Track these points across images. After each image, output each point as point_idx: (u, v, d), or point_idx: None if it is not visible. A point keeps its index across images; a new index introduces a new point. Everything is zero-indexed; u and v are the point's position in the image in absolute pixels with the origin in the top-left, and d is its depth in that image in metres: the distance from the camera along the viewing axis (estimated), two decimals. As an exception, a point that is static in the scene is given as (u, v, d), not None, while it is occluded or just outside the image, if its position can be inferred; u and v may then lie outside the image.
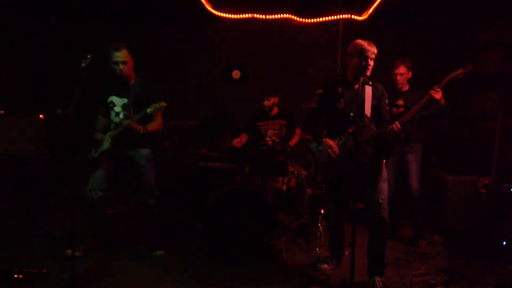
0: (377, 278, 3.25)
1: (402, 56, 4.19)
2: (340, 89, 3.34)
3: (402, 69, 4.13)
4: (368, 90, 3.30)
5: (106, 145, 3.66)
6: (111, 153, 3.70)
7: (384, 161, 3.35)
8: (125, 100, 3.71)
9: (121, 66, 3.63)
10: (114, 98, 3.74)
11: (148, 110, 3.53)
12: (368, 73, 3.25)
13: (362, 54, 3.11)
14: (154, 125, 3.74)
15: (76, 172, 3.47)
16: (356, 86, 3.25)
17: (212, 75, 5.76)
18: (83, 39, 5.54)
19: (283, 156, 3.94)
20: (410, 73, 4.19)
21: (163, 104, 3.55)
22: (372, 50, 3.19)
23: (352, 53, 3.27)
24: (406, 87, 4.21)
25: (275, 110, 4.84)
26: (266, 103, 4.74)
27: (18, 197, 5.11)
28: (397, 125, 3.10)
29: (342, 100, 3.31)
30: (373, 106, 3.30)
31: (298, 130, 4.84)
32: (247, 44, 5.73)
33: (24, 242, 4.12)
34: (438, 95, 3.80)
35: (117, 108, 3.73)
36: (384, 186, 3.27)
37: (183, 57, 5.74)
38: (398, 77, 4.14)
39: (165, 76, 5.69)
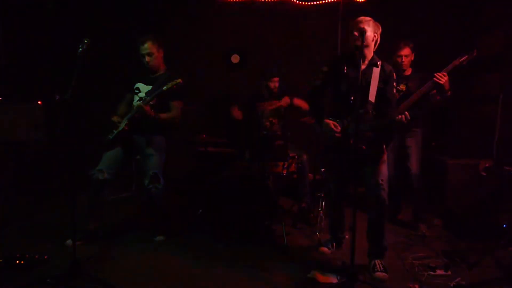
0: (377, 261, 3.26)
1: (404, 38, 4.14)
2: (345, 69, 3.21)
3: (406, 51, 4.09)
4: (375, 72, 3.18)
5: (122, 126, 3.68)
6: (126, 137, 3.71)
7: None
8: (150, 87, 3.75)
9: (147, 58, 3.75)
10: (140, 85, 3.81)
11: (164, 87, 3.53)
12: (357, 43, 3.10)
13: (350, 28, 3.11)
14: (169, 115, 3.74)
15: (77, 157, 3.48)
16: (363, 67, 3.19)
17: (212, 59, 5.71)
18: (81, 24, 5.49)
19: (283, 140, 3.92)
20: (413, 55, 4.15)
21: (179, 80, 3.52)
22: (357, 22, 3.13)
23: (349, 30, 3.22)
24: (409, 71, 4.18)
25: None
26: (272, 85, 4.69)
27: (18, 184, 5.12)
28: (406, 115, 3.03)
29: (346, 81, 3.21)
30: (378, 89, 3.18)
31: (296, 100, 4.77)
32: (246, 28, 5.67)
33: (25, 229, 4.13)
34: (443, 80, 3.71)
35: (141, 94, 3.76)
36: (383, 168, 3.24)
37: (183, 42, 5.69)
38: (404, 59, 4.10)
39: (164, 60, 5.65)
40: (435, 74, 3.73)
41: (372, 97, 3.17)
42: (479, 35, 5.17)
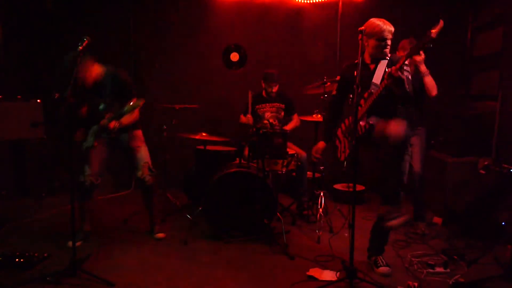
0: (379, 257, 3.29)
1: (408, 37, 4.09)
2: (355, 73, 3.10)
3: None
4: (383, 62, 3.20)
5: (91, 143, 3.64)
6: (104, 139, 3.70)
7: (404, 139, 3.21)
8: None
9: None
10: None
11: (126, 109, 3.47)
12: (388, 52, 3.17)
13: (379, 35, 3.07)
14: (130, 118, 3.68)
15: (76, 156, 3.48)
16: (372, 66, 3.20)
17: (211, 58, 5.71)
18: (80, 22, 5.48)
19: (282, 138, 3.93)
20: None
21: (140, 103, 3.48)
22: (390, 29, 3.11)
23: (369, 34, 3.14)
24: None
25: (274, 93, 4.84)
26: (269, 89, 4.76)
27: (18, 182, 5.11)
28: (392, 69, 2.92)
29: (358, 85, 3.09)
30: (385, 72, 3.11)
31: (295, 117, 4.85)
32: (245, 27, 5.67)
33: (25, 227, 4.14)
34: (420, 57, 3.78)
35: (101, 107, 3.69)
36: (404, 167, 3.17)
37: (182, 40, 5.68)
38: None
39: (164, 59, 5.66)
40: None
41: (377, 80, 3.14)
42: (478, 34, 5.17)
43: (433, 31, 3.05)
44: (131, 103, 3.44)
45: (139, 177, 3.80)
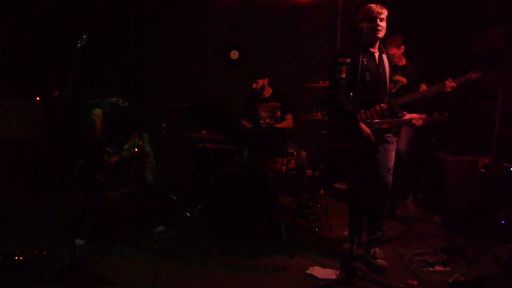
0: (377, 249, 3.28)
1: (390, 35, 4.04)
2: (365, 61, 3.11)
3: (390, 50, 4.08)
4: (386, 61, 3.25)
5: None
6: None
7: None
8: None
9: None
10: None
11: (126, 147, 3.53)
12: (380, 35, 3.14)
13: (369, 16, 3.06)
14: (137, 150, 3.65)
15: (74, 154, 3.49)
16: (377, 55, 3.22)
17: (211, 57, 5.71)
18: (80, 20, 5.48)
19: (282, 137, 3.93)
20: (402, 47, 4.17)
21: (139, 143, 3.56)
22: (380, 10, 3.10)
23: (361, 18, 3.15)
24: (402, 62, 4.20)
25: (268, 92, 4.80)
26: (254, 85, 4.70)
27: (17, 180, 5.11)
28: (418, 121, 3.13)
29: (368, 73, 3.12)
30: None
31: (289, 117, 4.79)
32: (245, 24, 5.66)
33: (24, 225, 4.14)
34: (451, 89, 3.85)
35: None
36: (393, 155, 3.29)
37: (181, 39, 5.68)
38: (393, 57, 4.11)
39: (164, 58, 5.65)
40: (446, 82, 3.79)
41: (387, 88, 3.25)
42: (479, 32, 5.16)
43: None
44: (131, 141, 3.53)
45: (142, 176, 3.88)
